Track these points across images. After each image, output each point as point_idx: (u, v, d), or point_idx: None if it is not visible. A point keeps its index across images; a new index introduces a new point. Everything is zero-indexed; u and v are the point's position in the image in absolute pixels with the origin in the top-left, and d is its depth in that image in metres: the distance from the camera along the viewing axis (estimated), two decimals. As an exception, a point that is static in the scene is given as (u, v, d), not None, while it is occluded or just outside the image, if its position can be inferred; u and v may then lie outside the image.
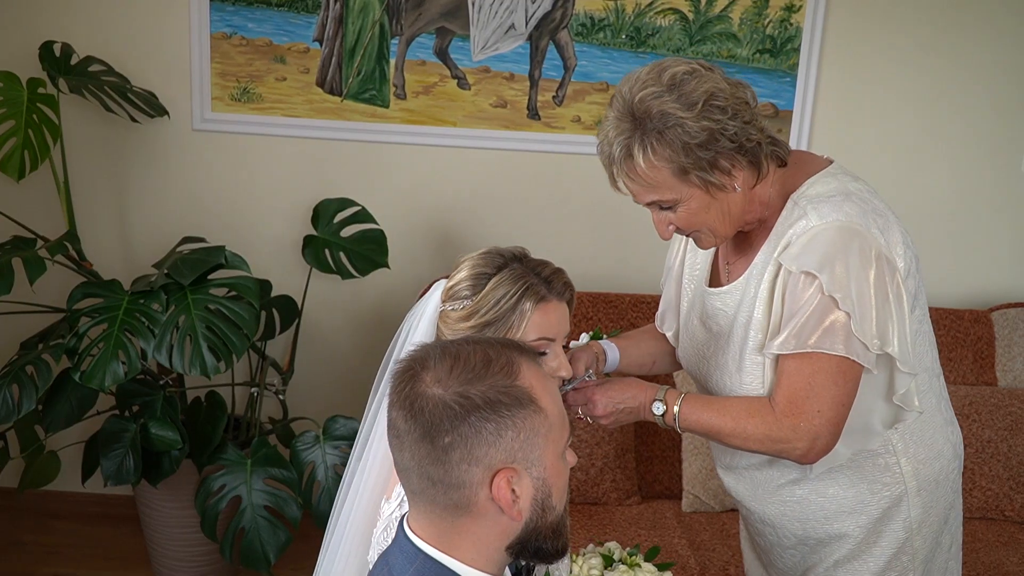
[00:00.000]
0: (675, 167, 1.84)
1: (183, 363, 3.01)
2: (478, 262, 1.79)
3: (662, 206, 1.92)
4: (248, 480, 3.18)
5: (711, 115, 1.82)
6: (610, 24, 3.47)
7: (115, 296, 3.09)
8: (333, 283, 3.51)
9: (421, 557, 1.41)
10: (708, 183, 1.86)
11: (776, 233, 1.97)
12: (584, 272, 3.65)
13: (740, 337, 2.01)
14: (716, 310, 2.09)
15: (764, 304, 1.97)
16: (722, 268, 2.13)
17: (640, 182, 1.88)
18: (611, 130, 1.88)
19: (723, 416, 1.94)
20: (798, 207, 1.94)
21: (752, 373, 1.99)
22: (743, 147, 1.85)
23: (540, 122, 3.55)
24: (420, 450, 1.37)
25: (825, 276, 1.85)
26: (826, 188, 1.95)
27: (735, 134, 1.84)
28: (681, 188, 1.86)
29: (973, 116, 3.58)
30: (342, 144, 3.57)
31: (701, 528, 3.18)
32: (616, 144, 1.86)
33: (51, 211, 3.50)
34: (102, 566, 3.60)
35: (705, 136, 1.82)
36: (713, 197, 1.88)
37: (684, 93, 1.83)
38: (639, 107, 1.84)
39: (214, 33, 3.48)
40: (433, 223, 3.63)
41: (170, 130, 3.55)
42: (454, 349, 1.40)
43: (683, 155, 1.82)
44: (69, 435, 3.44)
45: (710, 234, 1.95)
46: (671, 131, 1.81)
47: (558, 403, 1.43)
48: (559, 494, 1.42)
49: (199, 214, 3.61)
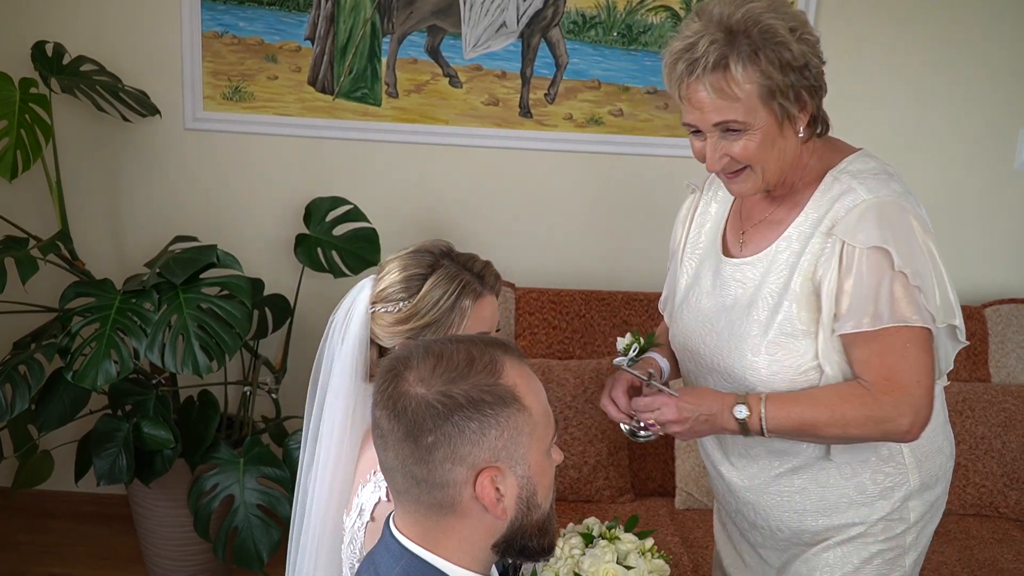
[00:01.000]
0: (767, 87, 1.81)
1: (175, 362, 3.00)
2: (408, 262, 1.76)
3: (730, 127, 1.86)
4: (241, 479, 3.18)
5: (806, 43, 1.83)
6: (601, 21, 3.47)
7: (107, 295, 3.08)
8: (325, 282, 3.50)
9: (407, 556, 1.41)
10: (786, 113, 1.85)
11: (815, 205, 1.94)
12: (576, 270, 3.65)
13: (767, 308, 1.96)
14: (733, 281, 2.03)
15: (805, 277, 1.92)
16: (732, 238, 2.08)
17: (722, 95, 1.82)
18: (699, 39, 1.82)
19: (816, 407, 1.89)
20: (839, 182, 1.92)
21: (780, 345, 1.94)
22: (818, 90, 1.87)
23: (532, 120, 3.55)
24: (403, 450, 1.37)
25: (894, 250, 1.84)
26: (866, 166, 1.95)
27: (817, 73, 1.86)
28: (759, 112, 1.84)
29: (966, 112, 3.58)
30: (334, 143, 3.57)
31: (694, 525, 3.19)
32: (710, 51, 1.80)
33: (43, 211, 3.50)
34: (95, 565, 3.60)
35: (803, 61, 1.82)
36: (781, 133, 1.87)
37: (785, 15, 1.83)
38: (741, 22, 1.81)
39: (205, 32, 3.48)
40: (425, 221, 3.63)
41: (162, 129, 3.55)
42: (437, 348, 1.40)
43: (780, 73, 1.81)
44: (62, 434, 3.44)
45: (759, 174, 1.91)
46: (775, 48, 1.80)
47: (542, 401, 1.42)
48: (544, 492, 1.42)
49: (191, 213, 3.61)
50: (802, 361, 1.94)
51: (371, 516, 1.68)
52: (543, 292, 3.46)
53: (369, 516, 1.68)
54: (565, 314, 3.44)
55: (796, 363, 1.94)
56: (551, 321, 3.44)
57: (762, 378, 1.96)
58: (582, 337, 3.44)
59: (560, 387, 3.25)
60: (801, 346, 1.93)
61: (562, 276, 3.63)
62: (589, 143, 3.56)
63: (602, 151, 3.57)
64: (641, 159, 3.58)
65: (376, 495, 1.67)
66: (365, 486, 1.70)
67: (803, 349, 1.93)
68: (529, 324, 3.43)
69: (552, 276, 3.63)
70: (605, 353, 3.41)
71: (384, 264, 1.79)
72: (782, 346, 1.94)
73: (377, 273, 1.79)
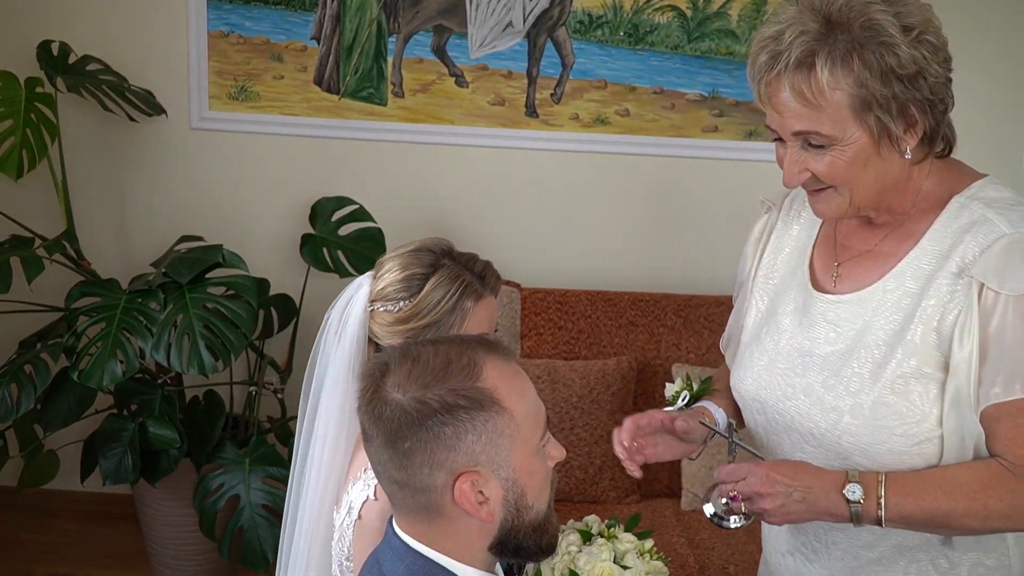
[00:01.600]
0: (860, 96, 1.50)
1: (181, 362, 3.00)
2: (409, 261, 1.73)
3: (811, 141, 1.55)
4: (246, 479, 3.18)
5: (924, 48, 1.51)
6: (608, 21, 3.47)
7: (113, 295, 3.08)
8: (331, 281, 3.49)
9: (412, 554, 1.40)
10: (885, 131, 1.52)
11: (938, 236, 1.60)
12: (581, 270, 3.64)
13: (872, 361, 1.62)
14: (824, 322, 1.69)
15: (927, 327, 1.58)
16: (822, 271, 1.74)
17: (807, 100, 1.52)
18: (790, 27, 1.52)
19: (952, 496, 1.54)
20: (968, 210, 1.59)
21: (889, 407, 1.60)
22: (935, 106, 1.54)
23: (538, 120, 3.55)
24: (383, 455, 1.37)
25: None
26: (1000, 195, 1.62)
27: (936, 84, 1.52)
28: (850, 125, 1.52)
29: (971, 113, 3.54)
30: (340, 142, 3.57)
31: (700, 527, 3.18)
32: (795, 44, 1.51)
33: (49, 210, 3.49)
34: (101, 565, 3.60)
35: (913, 70, 1.50)
36: (878, 152, 1.54)
37: (903, 11, 1.52)
38: (843, 11, 1.51)
39: (211, 31, 3.48)
40: (431, 221, 3.63)
41: (168, 129, 3.55)
42: (415, 352, 1.38)
43: (879, 82, 1.49)
44: (68, 434, 3.44)
45: (846, 197, 1.59)
46: (878, 49, 1.49)
47: (528, 401, 1.39)
48: (535, 493, 1.40)
49: (197, 213, 3.61)
50: (919, 430, 1.59)
51: (359, 514, 1.67)
52: (549, 292, 3.46)
53: (357, 514, 1.67)
54: (571, 314, 3.44)
55: (910, 432, 1.59)
56: (557, 321, 3.43)
57: (862, 446, 1.62)
58: (588, 338, 3.43)
59: (566, 387, 3.24)
60: (918, 411, 1.59)
61: (568, 276, 3.63)
62: (595, 143, 3.56)
63: (608, 151, 3.57)
64: (647, 159, 3.57)
65: (365, 493, 1.65)
66: (355, 484, 1.69)
67: (920, 415, 1.58)
68: (535, 324, 3.42)
69: (558, 276, 3.62)
70: (611, 354, 3.40)
71: (382, 262, 1.76)
72: (892, 408, 1.60)
73: (375, 271, 1.77)
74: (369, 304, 1.74)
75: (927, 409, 1.58)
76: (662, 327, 3.43)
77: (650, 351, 3.41)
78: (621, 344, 3.42)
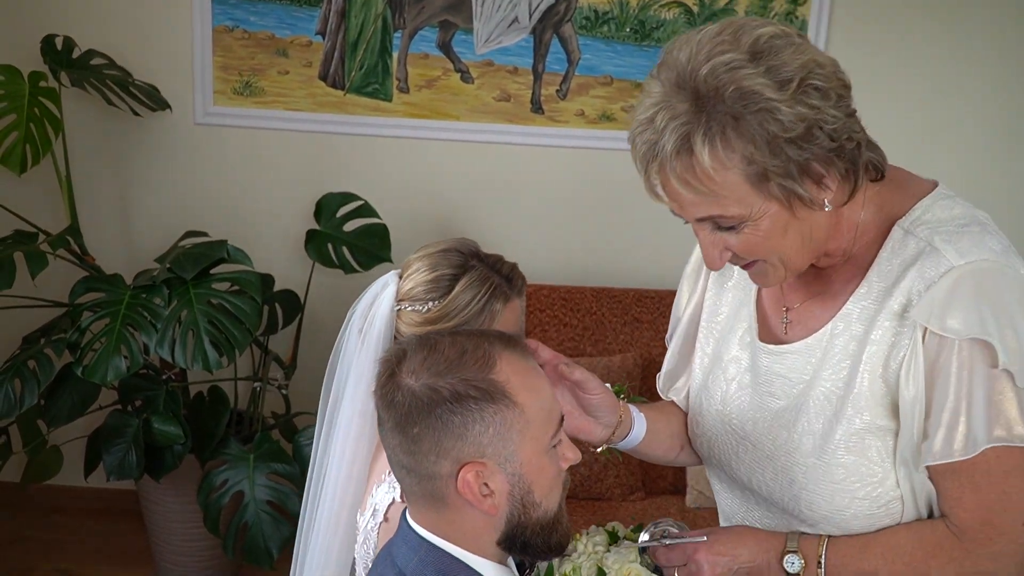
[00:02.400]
0: (752, 171, 1.33)
1: (185, 358, 3.00)
2: (438, 261, 1.71)
3: (721, 224, 1.40)
4: (251, 475, 3.17)
5: (809, 98, 1.32)
6: (614, 17, 3.46)
7: (117, 290, 3.08)
8: (336, 277, 3.49)
9: (426, 546, 1.40)
10: (793, 195, 1.36)
11: (882, 272, 1.45)
12: (586, 267, 3.63)
13: (823, 417, 1.49)
14: (775, 377, 1.55)
15: (873, 375, 1.44)
16: (774, 318, 1.59)
17: (696, 188, 1.36)
18: (659, 111, 1.35)
19: (894, 564, 1.45)
20: (914, 237, 1.43)
21: (846, 468, 1.47)
22: (842, 148, 1.36)
23: (544, 116, 3.54)
24: (394, 439, 1.38)
25: (997, 342, 1.35)
26: (949, 214, 1.45)
27: (836, 129, 1.34)
28: (753, 200, 1.36)
29: (982, 107, 3.55)
30: (345, 138, 3.56)
31: (705, 523, 3.16)
32: (668, 130, 1.34)
33: (53, 205, 3.49)
34: (104, 561, 3.60)
35: (802, 128, 1.32)
36: (794, 215, 1.38)
37: (774, 65, 1.33)
38: (708, 82, 1.32)
39: (216, 26, 3.47)
40: (436, 217, 3.62)
41: (172, 124, 3.54)
42: (432, 341, 1.39)
43: (768, 153, 1.32)
44: (71, 430, 3.43)
45: (779, 265, 1.44)
46: (755, 118, 1.31)
47: (543, 399, 1.38)
48: (543, 491, 1.39)
49: (201, 208, 3.60)
50: (883, 491, 1.47)
51: (384, 516, 1.67)
52: (554, 289, 3.45)
53: (383, 516, 1.67)
54: (576, 311, 3.43)
55: (874, 493, 1.47)
56: (562, 318, 3.42)
57: (825, 514, 1.50)
58: (593, 334, 3.42)
59: (571, 384, 3.23)
60: (879, 470, 1.46)
61: (573, 273, 3.62)
62: (601, 139, 3.55)
63: (614, 147, 3.55)
64: (653, 156, 3.56)
65: (390, 495, 1.65)
66: (380, 486, 1.68)
67: (882, 474, 1.46)
68: (540, 321, 3.41)
69: (563, 273, 3.61)
70: (616, 351, 3.40)
71: (410, 262, 1.75)
72: (851, 470, 1.47)
73: (401, 270, 1.77)
74: (396, 304, 1.73)
75: (889, 467, 1.46)
76: (667, 323, 3.41)
77: (655, 348, 3.41)
78: (626, 341, 3.41)
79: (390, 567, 1.43)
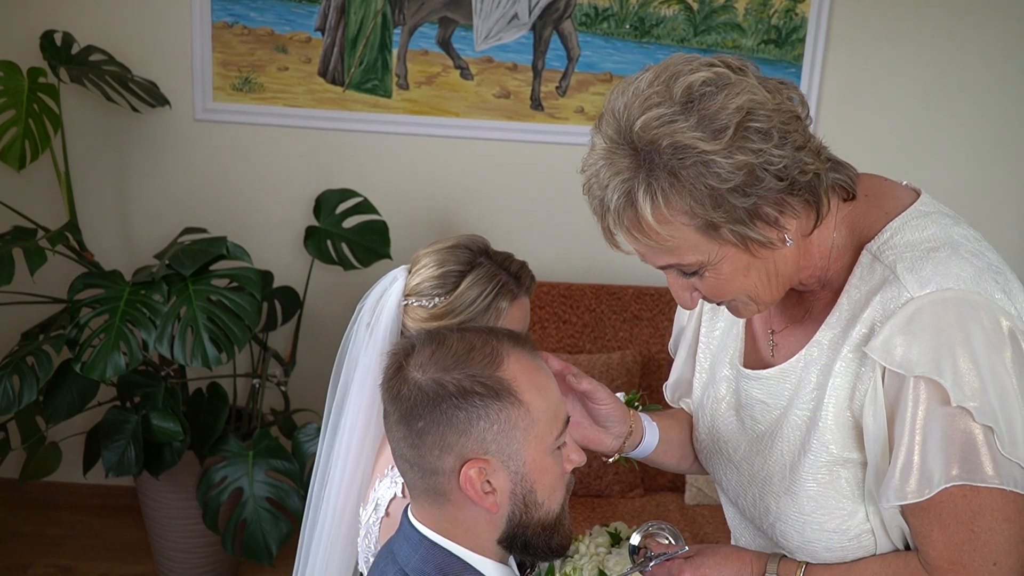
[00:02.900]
0: (699, 222, 1.31)
1: (184, 354, 3.00)
2: (446, 258, 1.73)
3: (683, 271, 1.39)
4: (250, 472, 3.17)
5: (748, 143, 1.28)
6: (614, 14, 3.45)
7: (116, 287, 3.07)
8: (335, 274, 3.49)
9: (426, 544, 1.41)
10: (747, 239, 1.33)
11: (851, 299, 1.41)
12: (586, 264, 3.63)
13: (793, 447, 1.47)
14: (756, 402, 1.54)
15: (840, 407, 1.41)
16: (762, 339, 1.57)
17: (647, 242, 1.34)
18: (602, 167, 1.34)
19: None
20: (881, 264, 1.39)
21: (816, 500, 1.45)
22: (795, 183, 1.31)
23: (543, 113, 3.53)
24: (398, 433, 1.38)
25: (948, 380, 1.31)
26: (920, 235, 1.39)
27: (784, 167, 1.30)
28: (708, 247, 1.34)
29: (983, 105, 3.55)
30: (344, 135, 3.56)
31: (704, 521, 3.17)
32: (611, 189, 1.32)
33: (52, 201, 3.48)
34: (103, 557, 3.60)
35: (743, 176, 1.28)
36: (754, 255, 1.35)
37: (707, 114, 1.28)
38: (642, 136, 1.30)
39: (216, 22, 3.46)
40: (435, 214, 3.62)
41: (171, 120, 3.54)
42: (440, 336, 1.40)
43: (710, 206, 1.29)
44: (70, 426, 3.43)
45: (750, 302, 1.43)
46: (691, 171, 1.28)
47: (549, 399, 1.38)
48: (546, 491, 1.39)
49: (200, 205, 3.60)
50: (851, 523, 1.44)
51: (386, 511, 1.68)
52: (553, 286, 3.45)
53: (384, 511, 1.67)
54: (575, 308, 3.43)
55: (843, 527, 1.45)
56: (561, 315, 3.42)
57: (797, 544, 1.49)
58: (592, 332, 3.42)
59: (570, 381, 3.23)
60: (847, 503, 1.44)
61: (572, 270, 3.62)
62: (600, 136, 3.54)
63: (613, 144, 3.55)
64: (653, 153, 3.56)
65: (392, 490, 1.66)
66: (382, 480, 1.69)
67: (850, 507, 1.44)
68: (539, 318, 3.41)
69: (562, 270, 3.61)
70: (615, 347, 3.40)
71: (418, 257, 1.76)
72: (818, 502, 1.45)
73: (410, 265, 1.77)
74: (404, 298, 1.74)
75: (859, 500, 1.43)
76: (666, 321, 3.42)
77: (654, 345, 3.41)
78: (625, 338, 3.42)
79: (391, 564, 1.44)
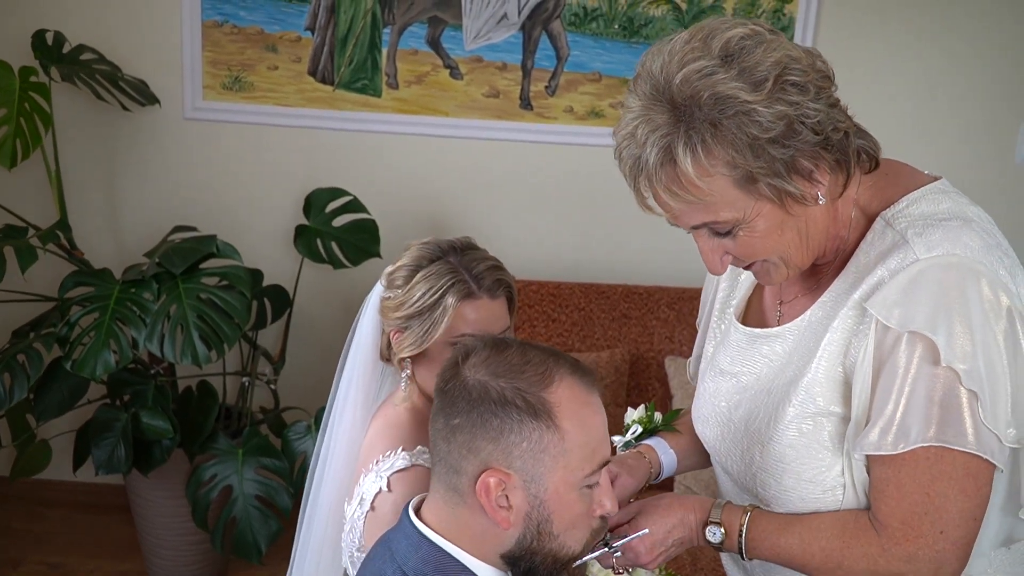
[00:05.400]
0: (739, 174, 1.33)
1: (174, 352, 3.00)
2: (420, 253, 1.76)
3: (717, 230, 1.41)
4: (239, 470, 3.18)
5: (787, 95, 1.32)
6: (603, 14, 3.47)
7: (106, 285, 3.08)
8: (325, 273, 3.50)
9: (427, 544, 1.41)
10: (784, 193, 1.35)
11: (856, 264, 1.45)
12: (575, 263, 3.65)
13: (778, 398, 1.50)
14: (755, 358, 1.58)
15: (832, 361, 1.45)
16: (770, 311, 1.61)
17: (685, 197, 1.36)
18: (638, 124, 1.36)
19: (809, 545, 1.45)
20: (892, 230, 1.42)
21: (797, 450, 1.47)
22: (829, 140, 1.35)
23: (532, 112, 3.55)
24: (437, 423, 1.40)
25: (942, 339, 1.33)
26: (934, 208, 1.43)
27: (819, 122, 1.34)
28: (745, 202, 1.36)
29: (967, 106, 3.58)
30: (334, 133, 3.57)
31: (692, 518, 3.18)
32: (650, 143, 1.34)
33: (42, 200, 3.49)
34: (93, 554, 3.60)
35: (782, 126, 1.31)
36: (789, 212, 1.38)
37: (747, 67, 1.32)
38: (683, 90, 1.33)
39: (205, 21, 3.47)
40: (425, 213, 3.63)
41: (161, 119, 3.54)
42: (503, 343, 1.42)
43: (751, 156, 1.32)
44: (60, 424, 3.44)
45: (780, 264, 1.44)
46: (733, 122, 1.31)
47: (590, 435, 1.37)
48: (564, 525, 1.37)
49: (191, 203, 3.60)
50: (827, 476, 1.47)
51: (371, 506, 1.68)
52: (543, 285, 3.46)
53: (369, 506, 1.68)
54: (564, 307, 3.44)
55: (818, 476, 1.47)
56: (550, 314, 3.43)
57: (774, 494, 1.51)
58: (581, 330, 3.44)
59: (559, 380, 3.24)
60: (827, 455, 1.46)
61: (561, 269, 3.63)
62: (589, 136, 3.56)
63: (602, 144, 3.55)
64: (641, 152, 3.57)
65: (377, 485, 1.66)
66: (367, 475, 1.70)
67: (829, 459, 1.46)
68: (528, 317, 3.42)
69: (551, 269, 3.63)
70: (604, 346, 3.41)
71: (406, 247, 1.81)
72: (800, 451, 1.47)
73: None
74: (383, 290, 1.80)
75: (838, 454, 1.46)
76: (655, 320, 3.44)
77: (643, 344, 3.42)
78: (614, 337, 3.43)
79: (389, 562, 1.43)
